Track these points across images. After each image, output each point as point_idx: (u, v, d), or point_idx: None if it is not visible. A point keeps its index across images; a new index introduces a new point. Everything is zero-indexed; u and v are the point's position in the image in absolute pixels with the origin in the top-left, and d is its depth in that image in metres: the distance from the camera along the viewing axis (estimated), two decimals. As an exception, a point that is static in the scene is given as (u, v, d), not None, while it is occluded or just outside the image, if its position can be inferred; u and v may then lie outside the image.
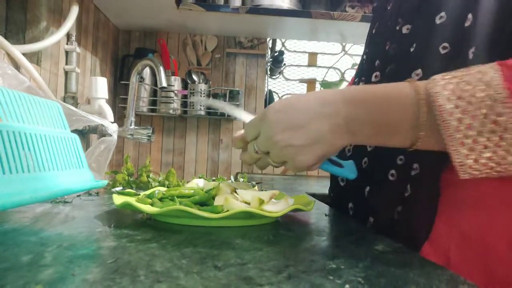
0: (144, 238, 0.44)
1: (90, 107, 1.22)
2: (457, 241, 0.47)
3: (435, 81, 0.40)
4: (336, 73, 2.10)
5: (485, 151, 0.38)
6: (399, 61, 0.55)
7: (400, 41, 0.55)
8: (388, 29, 0.59)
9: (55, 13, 1.12)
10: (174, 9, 1.45)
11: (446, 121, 0.39)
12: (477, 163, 0.39)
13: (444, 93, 0.39)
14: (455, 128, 0.38)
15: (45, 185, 0.53)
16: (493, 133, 0.38)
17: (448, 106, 0.38)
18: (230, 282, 0.31)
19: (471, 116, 0.38)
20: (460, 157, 0.39)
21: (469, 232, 0.46)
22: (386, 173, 0.53)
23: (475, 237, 0.46)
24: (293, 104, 0.46)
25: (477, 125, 0.38)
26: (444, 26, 0.49)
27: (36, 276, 0.30)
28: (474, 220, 0.46)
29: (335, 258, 0.38)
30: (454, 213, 0.47)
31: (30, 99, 0.59)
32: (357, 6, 1.53)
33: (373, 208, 0.56)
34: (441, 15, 0.50)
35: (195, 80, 1.70)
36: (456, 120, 0.38)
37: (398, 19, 0.57)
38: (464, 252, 0.46)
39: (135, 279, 0.30)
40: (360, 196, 0.58)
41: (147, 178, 0.92)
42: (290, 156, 0.45)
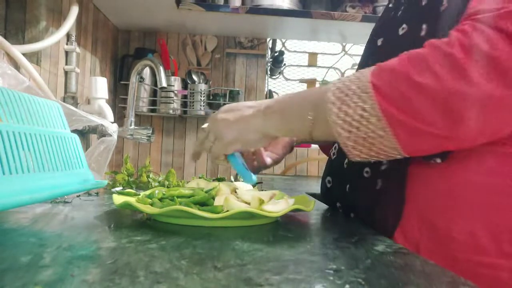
0: (143, 238, 0.43)
1: (90, 107, 1.22)
2: (427, 231, 0.51)
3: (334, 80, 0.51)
4: (336, 73, 2.10)
5: (359, 133, 0.47)
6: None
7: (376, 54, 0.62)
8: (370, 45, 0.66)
9: (55, 13, 1.12)
10: (174, 9, 1.44)
11: (329, 109, 0.48)
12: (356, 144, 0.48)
13: (332, 89, 0.49)
14: (335, 114, 0.48)
15: (45, 185, 0.53)
16: (362, 117, 0.46)
17: (332, 97, 0.48)
18: (229, 283, 0.31)
19: (346, 105, 0.47)
20: (342, 139, 0.48)
21: (437, 223, 0.50)
22: (361, 171, 0.58)
23: (442, 228, 0.50)
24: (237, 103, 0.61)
25: (351, 112, 0.47)
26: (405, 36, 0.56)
27: (35, 277, 0.30)
28: (442, 211, 0.50)
29: (335, 259, 0.38)
30: (424, 204, 0.51)
31: (30, 99, 0.59)
32: (357, 6, 1.53)
33: (353, 203, 0.61)
34: (403, 27, 0.57)
35: (195, 80, 1.70)
36: (337, 108, 0.48)
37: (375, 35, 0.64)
38: (432, 241, 0.50)
39: (135, 280, 0.30)
40: (343, 194, 0.63)
41: (147, 178, 0.92)
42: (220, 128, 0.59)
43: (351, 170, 0.61)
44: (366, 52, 0.68)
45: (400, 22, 0.57)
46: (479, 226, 0.48)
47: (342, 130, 0.47)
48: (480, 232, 0.47)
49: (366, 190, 0.58)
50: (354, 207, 0.62)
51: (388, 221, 0.53)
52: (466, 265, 0.48)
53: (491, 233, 0.47)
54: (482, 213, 0.48)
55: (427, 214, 0.51)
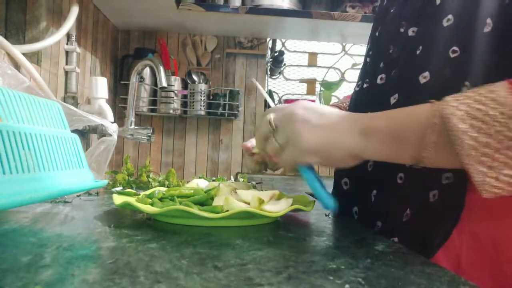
0: (143, 238, 0.43)
1: (90, 107, 1.22)
2: (469, 243, 0.47)
3: (447, 103, 0.41)
4: (336, 73, 2.10)
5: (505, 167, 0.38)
6: (404, 64, 0.54)
7: (404, 43, 0.55)
8: (391, 32, 0.59)
9: (55, 13, 1.12)
10: (174, 9, 1.45)
11: (463, 141, 0.39)
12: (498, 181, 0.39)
13: (457, 113, 0.39)
14: (471, 147, 0.39)
15: (45, 185, 0.53)
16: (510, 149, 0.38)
17: (462, 125, 0.39)
18: (230, 282, 0.31)
19: (486, 134, 0.38)
20: (479, 175, 0.39)
21: (480, 235, 0.47)
22: (395, 176, 0.53)
23: (486, 240, 0.46)
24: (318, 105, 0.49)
25: (494, 143, 0.38)
26: (452, 28, 0.49)
27: (35, 277, 0.30)
28: (485, 222, 0.47)
29: (335, 259, 0.38)
30: (466, 216, 0.47)
31: (30, 99, 0.59)
32: (357, 6, 1.53)
33: (381, 212, 0.55)
34: (448, 18, 0.50)
35: (195, 80, 1.70)
36: (472, 139, 0.39)
37: (402, 22, 0.56)
38: (475, 255, 0.46)
39: (135, 280, 0.30)
40: (366, 200, 0.57)
41: (147, 178, 0.92)
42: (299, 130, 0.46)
43: (379, 174, 0.56)
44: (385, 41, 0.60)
45: (444, 12, 0.50)
46: None
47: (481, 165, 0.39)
48: None
49: (400, 199, 0.52)
50: (382, 216, 0.55)
51: (433, 240, 0.49)
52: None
53: None
54: None
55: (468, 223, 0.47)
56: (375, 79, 0.59)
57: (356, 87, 0.66)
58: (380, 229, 0.55)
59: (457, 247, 0.47)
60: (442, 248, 0.48)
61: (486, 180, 0.39)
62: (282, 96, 2.08)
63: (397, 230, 0.52)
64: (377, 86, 0.58)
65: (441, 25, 0.50)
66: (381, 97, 0.56)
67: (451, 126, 0.39)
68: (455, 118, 0.39)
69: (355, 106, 0.65)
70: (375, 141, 0.45)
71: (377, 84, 0.59)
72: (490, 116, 0.38)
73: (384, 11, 0.63)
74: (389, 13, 0.61)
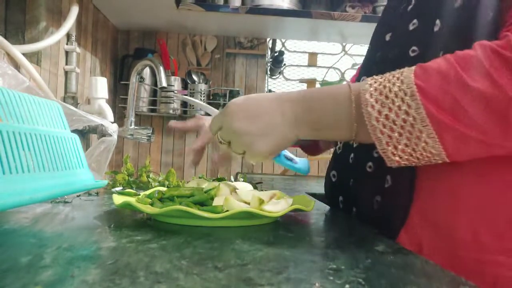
0: (143, 238, 0.43)
1: (90, 107, 1.22)
2: (429, 229, 0.50)
3: (365, 81, 0.47)
4: (336, 73, 2.10)
5: (401, 138, 0.44)
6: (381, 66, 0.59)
7: (383, 48, 0.61)
8: (377, 39, 0.65)
9: (55, 13, 1.12)
10: (174, 9, 1.44)
11: (368, 112, 0.45)
12: (396, 149, 0.45)
13: (369, 89, 0.46)
14: (375, 119, 0.45)
15: (45, 185, 0.53)
16: (405, 122, 0.43)
17: (370, 100, 0.45)
18: (230, 283, 0.31)
19: (388, 108, 0.44)
20: (381, 144, 0.45)
21: (439, 220, 0.50)
22: (365, 165, 0.57)
23: (443, 225, 0.49)
24: (252, 98, 0.53)
25: (393, 116, 0.44)
26: (415, 31, 0.55)
27: (35, 277, 0.30)
28: (443, 208, 0.50)
29: (335, 259, 0.38)
30: (427, 203, 0.51)
31: (30, 99, 0.59)
32: (357, 6, 1.53)
33: (356, 199, 0.60)
34: (413, 22, 0.55)
35: (195, 80, 1.70)
36: (376, 111, 0.45)
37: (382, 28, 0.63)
38: (434, 239, 0.50)
39: (135, 280, 0.30)
40: (346, 188, 0.63)
41: (147, 178, 0.92)
42: (248, 143, 0.52)
43: (357, 164, 0.60)
44: (372, 46, 0.67)
45: (410, 17, 0.56)
46: (481, 224, 0.48)
47: (382, 135, 0.45)
48: (482, 230, 0.47)
49: (370, 186, 0.57)
50: (357, 202, 0.61)
51: (395, 221, 0.53)
52: (469, 263, 0.48)
53: (493, 231, 0.47)
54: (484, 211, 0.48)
55: (430, 212, 0.51)
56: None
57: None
58: (355, 215, 0.61)
59: (418, 233, 0.51)
60: (404, 233, 0.52)
61: (387, 148, 0.45)
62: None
63: (368, 216, 0.57)
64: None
65: (408, 29, 0.55)
66: None
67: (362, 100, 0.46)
68: (367, 93, 0.46)
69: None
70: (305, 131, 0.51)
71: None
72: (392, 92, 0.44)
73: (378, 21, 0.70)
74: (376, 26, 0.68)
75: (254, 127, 0.51)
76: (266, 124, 0.51)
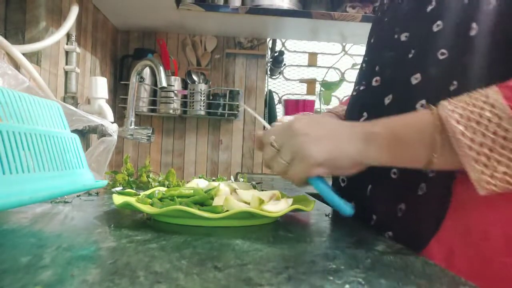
0: (143, 238, 0.43)
1: (90, 107, 1.22)
2: (461, 235, 0.49)
3: (443, 107, 0.44)
4: (336, 73, 2.10)
5: (499, 166, 0.41)
6: (397, 66, 0.57)
7: (397, 48, 0.58)
8: (386, 38, 0.62)
9: (55, 13, 1.12)
10: (174, 9, 1.44)
11: (459, 141, 0.42)
12: (493, 178, 0.41)
13: (454, 116, 0.42)
14: (468, 147, 0.42)
15: (45, 185, 0.53)
16: (504, 148, 0.41)
17: (459, 127, 0.42)
18: (229, 283, 0.31)
19: (481, 134, 0.41)
20: (476, 174, 0.42)
21: (472, 226, 0.48)
22: (387, 172, 0.55)
23: (477, 231, 0.48)
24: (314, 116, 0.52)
25: (488, 142, 0.41)
26: (441, 33, 0.52)
27: (34, 277, 0.30)
28: (478, 215, 0.48)
29: (335, 259, 0.38)
30: (460, 209, 0.49)
31: (30, 99, 0.59)
32: (357, 6, 1.53)
33: (376, 206, 0.57)
34: (437, 24, 0.53)
35: (195, 80, 1.70)
36: (469, 139, 0.42)
37: (395, 28, 0.60)
38: (466, 245, 0.48)
39: (135, 280, 0.30)
40: (362, 195, 0.60)
41: (147, 178, 0.92)
42: (301, 144, 0.48)
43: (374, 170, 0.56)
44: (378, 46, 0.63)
45: (431, 18, 0.53)
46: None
47: (476, 163, 0.42)
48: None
49: (394, 193, 0.54)
50: (376, 209, 0.57)
51: (425, 230, 0.50)
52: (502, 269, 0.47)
53: None
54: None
55: (462, 219, 0.49)
56: (370, 81, 0.62)
57: (354, 91, 0.69)
58: (375, 223, 0.57)
59: (450, 239, 0.49)
60: (435, 241, 0.50)
61: (482, 177, 0.42)
62: (282, 96, 2.08)
63: (391, 224, 0.54)
64: (373, 87, 0.61)
65: (432, 30, 0.53)
66: (376, 97, 0.59)
67: (450, 127, 0.42)
68: (453, 120, 0.42)
69: (352, 109, 0.67)
70: (376, 146, 0.47)
71: (372, 86, 0.61)
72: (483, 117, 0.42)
73: (379, 21, 0.67)
74: (383, 22, 0.65)
75: (315, 130, 0.49)
76: (329, 129, 0.49)
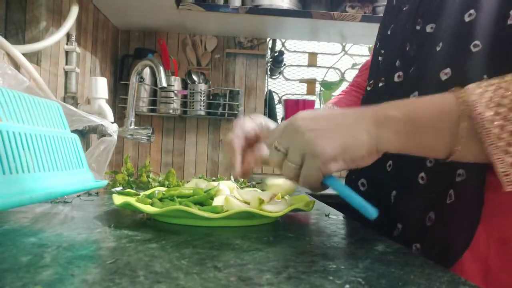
0: (143, 238, 0.43)
1: (90, 107, 1.22)
2: (497, 247, 0.45)
3: (469, 90, 0.39)
4: (336, 73, 2.10)
5: None
6: (422, 61, 0.53)
7: (422, 40, 0.53)
8: (407, 30, 0.57)
9: (55, 13, 1.12)
10: (174, 9, 1.44)
11: (487, 129, 0.37)
12: None
13: (482, 101, 0.37)
14: (497, 136, 0.37)
15: (45, 185, 0.53)
16: None
17: (488, 113, 0.37)
18: (229, 282, 0.31)
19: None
20: (504, 166, 0.37)
21: (508, 237, 0.45)
22: (416, 176, 0.50)
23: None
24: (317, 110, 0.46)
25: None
26: (475, 23, 0.47)
27: (35, 277, 0.30)
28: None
29: (335, 259, 0.38)
30: (494, 217, 0.46)
31: (30, 99, 0.59)
32: (357, 6, 1.53)
33: (401, 214, 0.53)
34: (470, 13, 0.48)
35: (195, 80, 1.70)
36: (498, 127, 0.37)
37: (417, 19, 0.55)
38: (503, 258, 0.45)
39: (135, 280, 0.30)
40: (385, 201, 0.55)
41: (147, 178, 0.92)
42: (310, 140, 0.42)
43: (400, 174, 0.53)
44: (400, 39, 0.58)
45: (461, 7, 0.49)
46: None
47: (506, 154, 0.37)
48: None
49: (422, 200, 0.50)
50: (401, 218, 0.53)
51: (458, 242, 0.46)
52: None
53: None
54: None
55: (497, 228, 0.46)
56: (391, 77, 0.58)
57: (368, 86, 0.65)
58: (400, 232, 0.52)
59: (484, 252, 0.45)
60: (468, 253, 0.46)
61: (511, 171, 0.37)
62: (282, 96, 2.08)
63: (419, 235, 0.50)
64: (395, 84, 0.57)
65: (463, 20, 0.48)
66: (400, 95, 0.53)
67: (477, 114, 0.37)
68: (480, 105, 0.37)
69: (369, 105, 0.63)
70: (391, 131, 0.41)
71: (394, 82, 0.57)
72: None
73: (396, 9, 0.61)
74: (401, 11, 0.59)
75: (320, 124, 0.43)
76: (335, 120, 0.43)
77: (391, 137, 0.41)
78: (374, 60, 0.66)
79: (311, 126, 0.43)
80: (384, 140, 0.42)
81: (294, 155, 0.44)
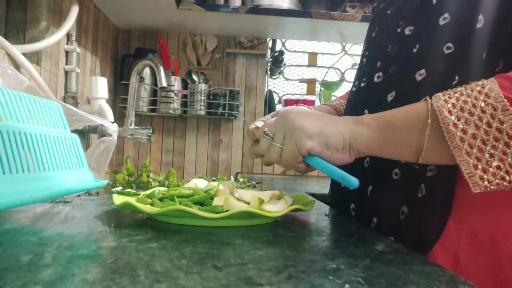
0: (144, 238, 0.44)
1: (90, 107, 1.22)
2: (467, 239, 0.47)
3: (437, 97, 0.43)
4: (336, 73, 2.10)
5: (492, 160, 0.39)
6: (401, 62, 0.55)
7: (401, 42, 0.56)
8: (389, 31, 0.59)
9: (55, 13, 1.12)
10: (174, 9, 1.44)
11: (451, 132, 0.40)
12: (486, 173, 0.39)
13: (447, 106, 0.41)
14: (460, 139, 0.40)
15: (45, 185, 0.53)
16: (498, 141, 0.39)
17: (452, 118, 0.40)
18: (229, 282, 0.31)
19: (474, 126, 0.39)
20: (468, 167, 0.40)
21: (478, 230, 0.47)
22: (390, 172, 0.53)
23: (483, 236, 0.47)
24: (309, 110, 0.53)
25: (481, 134, 0.39)
26: (448, 26, 0.50)
27: (35, 276, 0.30)
28: (483, 218, 0.47)
29: (335, 258, 0.38)
30: (464, 212, 0.48)
31: (30, 99, 0.59)
32: (357, 6, 1.53)
33: (377, 208, 0.56)
34: (444, 16, 0.51)
35: (195, 80, 1.70)
36: (461, 130, 0.40)
37: (399, 22, 0.57)
38: (473, 251, 0.47)
39: (135, 279, 0.30)
40: (362, 196, 0.58)
41: (147, 178, 0.92)
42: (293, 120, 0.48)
43: (375, 170, 0.56)
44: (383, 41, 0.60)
45: (439, 11, 0.51)
46: None
47: (469, 157, 0.39)
48: None
49: (396, 195, 0.52)
50: (377, 212, 0.55)
51: (429, 234, 0.49)
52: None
53: None
54: None
55: (467, 222, 0.47)
56: (372, 77, 0.60)
57: (353, 87, 0.66)
58: (376, 226, 0.55)
59: (455, 244, 0.48)
60: (439, 245, 0.48)
61: (474, 172, 0.39)
62: (282, 96, 2.08)
63: (393, 227, 0.53)
64: (374, 84, 0.59)
65: (438, 24, 0.51)
66: (378, 94, 0.57)
67: (442, 118, 0.41)
68: (445, 110, 0.41)
69: (352, 105, 0.65)
70: (366, 126, 0.46)
71: (374, 82, 0.59)
72: (477, 107, 0.39)
73: (382, 12, 0.64)
74: (386, 14, 0.62)
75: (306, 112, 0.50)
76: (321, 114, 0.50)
77: (364, 132, 0.46)
78: (360, 61, 0.68)
79: (297, 112, 0.49)
80: (358, 134, 0.47)
81: (278, 135, 0.50)
